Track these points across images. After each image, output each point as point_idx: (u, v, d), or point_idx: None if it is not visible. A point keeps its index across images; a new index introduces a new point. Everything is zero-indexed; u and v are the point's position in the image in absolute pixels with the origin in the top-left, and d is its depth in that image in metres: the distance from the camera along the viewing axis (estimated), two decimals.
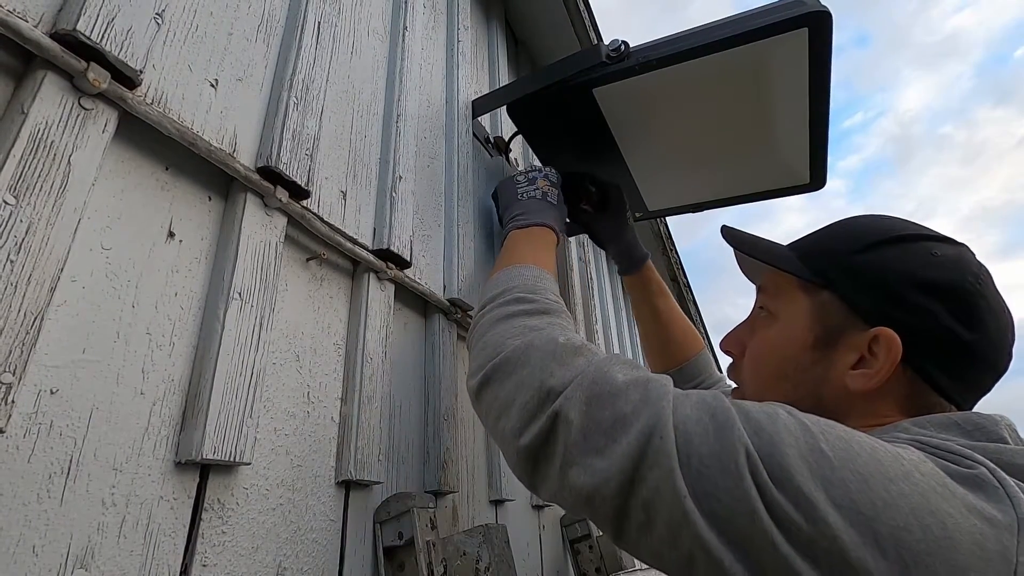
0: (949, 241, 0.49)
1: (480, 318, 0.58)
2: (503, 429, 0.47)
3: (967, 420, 0.42)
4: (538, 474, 0.44)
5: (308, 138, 0.57)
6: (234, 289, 0.46)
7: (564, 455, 0.41)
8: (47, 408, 0.34)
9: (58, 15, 0.38)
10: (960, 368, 0.45)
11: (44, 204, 0.35)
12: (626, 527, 0.38)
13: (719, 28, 0.71)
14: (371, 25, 0.77)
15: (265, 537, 0.46)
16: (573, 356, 0.47)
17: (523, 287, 0.59)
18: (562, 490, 0.42)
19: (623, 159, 0.95)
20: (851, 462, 0.33)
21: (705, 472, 0.35)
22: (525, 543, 0.90)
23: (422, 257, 0.76)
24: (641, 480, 0.37)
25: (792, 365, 0.51)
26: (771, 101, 0.80)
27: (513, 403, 0.46)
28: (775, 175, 0.97)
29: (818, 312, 0.50)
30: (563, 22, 1.37)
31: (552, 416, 0.43)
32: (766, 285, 0.57)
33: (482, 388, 0.50)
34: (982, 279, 0.46)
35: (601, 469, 0.39)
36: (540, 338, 0.49)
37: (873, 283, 0.47)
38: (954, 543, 0.30)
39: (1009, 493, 0.33)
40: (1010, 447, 0.38)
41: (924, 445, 0.38)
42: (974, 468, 0.35)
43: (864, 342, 0.46)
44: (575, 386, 0.44)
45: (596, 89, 0.79)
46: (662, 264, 2.42)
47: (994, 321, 0.45)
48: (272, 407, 0.50)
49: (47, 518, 0.33)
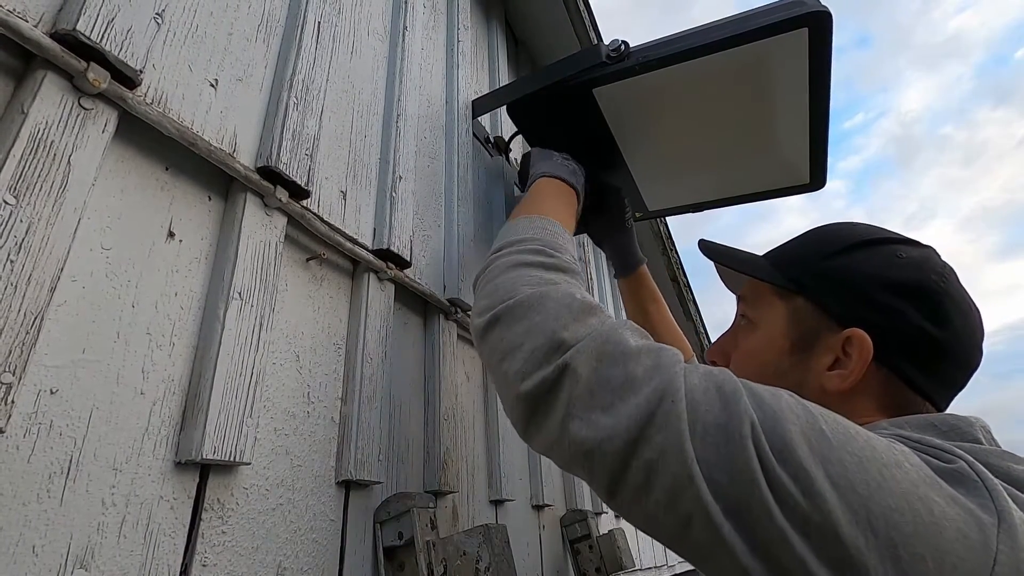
0: (914, 244, 0.50)
1: (495, 259, 0.57)
2: (505, 371, 0.46)
3: (943, 421, 0.43)
4: (534, 422, 0.44)
5: (308, 138, 0.57)
6: (234, 289, 0.46)
7: (568, 407, 0.41)
8: (47, 408, 0.34)
9: (58, 15, 0.38)
10: (932, 365, 0.47)
11: (44, 204, 0.35)
12: (622, 487, 0.38)
13: (719, 28, 0.71)
14: (371, 25, 0.77)
15: (265, 537, 0.46)
16: (587, 315, 0.47)
17: (544, 240, 0.58)
18: (560, 442, 0.42)
19: (623, 159, 0.95)
20: (848, 444, 0.34)
21: (709, 440, 0.35)
22: (525, 543, 0.90)
23: (422, 257, 0.76)
24: (646, 441, 0.37)
25: (772, 370, 0.52)
26: (771, 101, 0.80)
27: (521, 347, 0.46)
28: (775, 175, 0.97)
29: (793, 317, 0.52)
30: (563, 22, 1.37)
31: (561, 367, 0.43)
32: (745, 294, 0.58)
33: (489, 327, 0.50)
34: (946, 278, 0.47)
35: (606, 426, 0.39)
36: (556, 291, 0.49)
37: (843, 286, 0.49)
38: (940, 528, 0.31)
39: (988, 486, 0.34)
40: (984, 447, 0.40)
41: (907, 440, 0.39)
42: (954, 462, 0.36)
43: (838, 343, 0.48)
44: (588, 340, 0.43)
45: (596, 89, 0.79)
46: (662, 264, 2.41)
47: (961, 318, 0.47)
48: (272, 407, 0.50)
49: (47, 518, 0.33)
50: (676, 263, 2.53)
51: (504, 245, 0.58)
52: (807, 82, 0.74)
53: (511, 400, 0.46)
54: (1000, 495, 0.33)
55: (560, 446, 0.42)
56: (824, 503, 0.32)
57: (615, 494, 0.39)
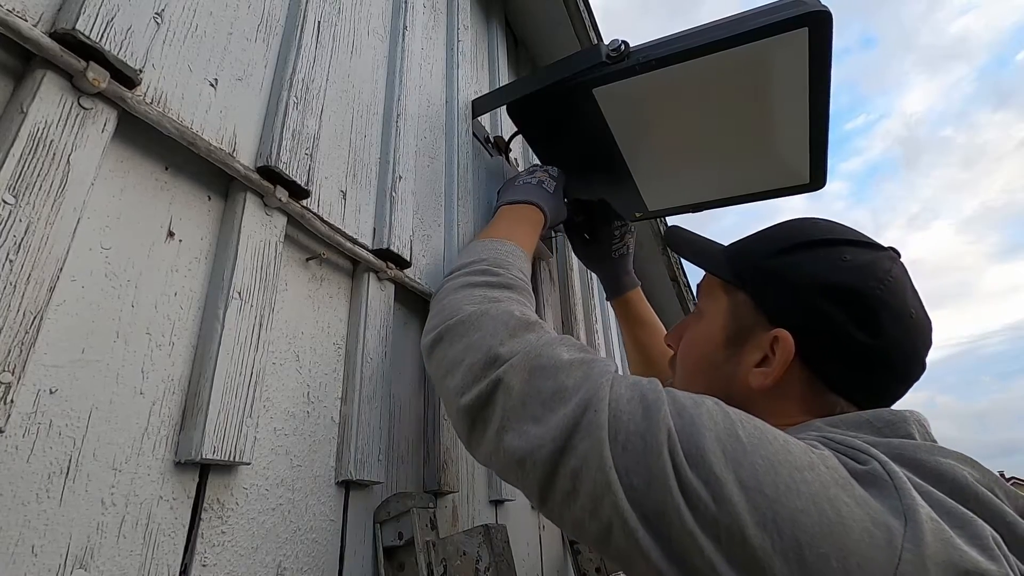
0: (868, 246, 0.50)
1: (445, 282, 0.60)
2: (448, 387, 0.49)
3: (878, 418, 0.43)
4: (475, 434, 0.46)
5: (308, 138, 0.57)
6: (234, 289, 0.46)
7: (502, 419, 0.44)
8: (46, 408, 0.34)
9: (57, 14, 0.38)
10: (860, 372, 0.47)
11: (43, 204, 0.35)
12: (551, 494, 0.40)
13: (719, 28, 0.71)
14: (371, 25, 0.76)
15: (265, 537, 0.46)
16: (524, 330, 0.49)
17: (491, 260, 0.61)
18: (496, 452, 0.44)
19: (623, 159, 0.95)
20: (762, 448, 0.35)
21: (629, 447, 0.37)
22: (525, 543, 0.90)
23: (422, 257, 0.76)
24: (572, 449, 0.39)
25: (708, 361, 0.54)
26: (771, 101, 0.80)
27: (461, 363, 0.48)
28: (775, 175, 0.97)
29: (733, 311, 0.53)
30: (563, 22, 1.37)
31: (495, 381, 0.45)
32: (701, 284, 0.60)
33: (434, 345, 0.53)
34: (886, 285, 0.46)
35: (536, 435, 0.41)
36: (496, 309, 0.52)
37: (778, 285, 0.50)
38: (846, 528, 0.32)
39: (897, 485, 0.34)
40: (914, 443, 0.40)
41: (829, 441, 0.40)
42: (868, 463, 0.36)
43: (767, 342, 0.49)
44: (521, 356, 0.46)
45: (596, 89, 0.79)
46: (662, 264, 2.41)
47: (898, 327, 0.46)
48: (272, 407, 0.50)
49: (46, 518, 0.33)
50: (676, 263, 2.53)
51: (455, 268, 0.62)
52: (807, 82, 0.74)
53: (453, 414, 0.49)
54: (908, 494, 0.34)
55: (496, 456, 0.44)
56: (732, 507, 0.33)
57: (545, 500, 0.41)
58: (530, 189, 0.79)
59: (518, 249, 0.65)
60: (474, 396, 0.46)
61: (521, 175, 0.84)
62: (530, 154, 1.32)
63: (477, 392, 0.46)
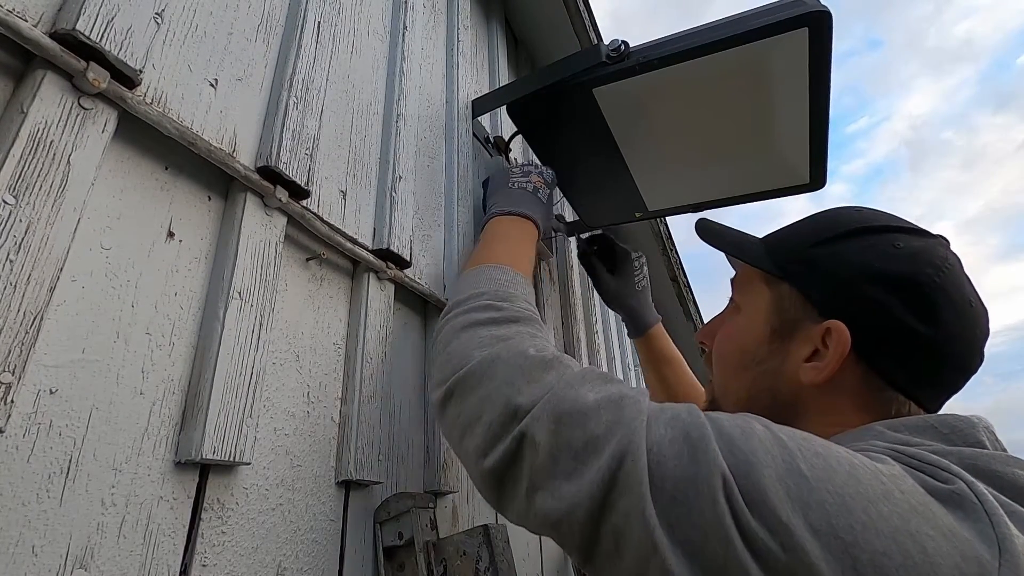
0: (919, 233, 0.47)
1: (445, 323, 0.55)
2: (467, 448, 0.44)
3: (943, 423, 0.40)
4: (504, 497, 0.42)
5: (308, 138, 0.57)
6: (234, 289, 0.46)
7: (530, 478, 0.39)
8: (46, 408, 0.34)
9: (57, 15, 0.38)
10: (918, 363, 0.44)
11: (43, 204, 0.35)
12: (595, 554, 0.36)
13: (719, 28, 0.71)
14: (371, 25, 0.76)
15: (265, 537, 0.46)
16: (542, 371, 0.44)
17: (492, 293, 0.56)
18: (528, 514, 0.40)
19: (623, 159, 0.95)
20: (829, 481, 0.32)
21: (679, 497, 0.33)
22: (525, 543, 0.90)
23: (422, 257, 0.76)
24: (611, 507, 0.35)
25: (751, 357, 0.51)
26: (771, 101, 0.80)
27: (478, 421, 0.44)
28: (775, 175, 0.97)
29: (777, 304, 0.50)
30: (563, 22, 1.37)
31: (519, 437, 0.41)
32: (737, 277, 0.57)
33: (446, 402, 0.48)
34: (942, 272, 0.44)
35: (570, 495, 0.37)
36: (508, 350, 0.47)
37: (827, 275, 0.47)
38: (934, 568, 0.29)
39: (988, 510, 0.31)
40: (987, 452, 0.37)
41: (900, 455, 0.36)
42: (952, 483, 0.33)
43: (818, 335, 0.46)
44: (543, 404, 0.41)
45: (596, 89, 0.79)
46: (662, 264, 2.41)
47: (956, 316, 0.43)
48: (272, 407, 0.50)
49: (46, 518, 0.33)
50: (676, 263, 2.53)
51: (453, 305, 0.57)
52: (807, 82, 0.74)
53: (477, 479, 0.44)
54: (1001, 521, 0.31)
55: (529, 518, 0.40)
56: (805, 555, 0.29)
57: (589, 560, 0.37)
58: (525, 198, 0.75)
59: (519, 276, 0.61)
60: (498, 457, 0.41)
61: (514, 175, 0.80)
62: (530, 154, 1.32)
63: (501, 452, 0.41)
